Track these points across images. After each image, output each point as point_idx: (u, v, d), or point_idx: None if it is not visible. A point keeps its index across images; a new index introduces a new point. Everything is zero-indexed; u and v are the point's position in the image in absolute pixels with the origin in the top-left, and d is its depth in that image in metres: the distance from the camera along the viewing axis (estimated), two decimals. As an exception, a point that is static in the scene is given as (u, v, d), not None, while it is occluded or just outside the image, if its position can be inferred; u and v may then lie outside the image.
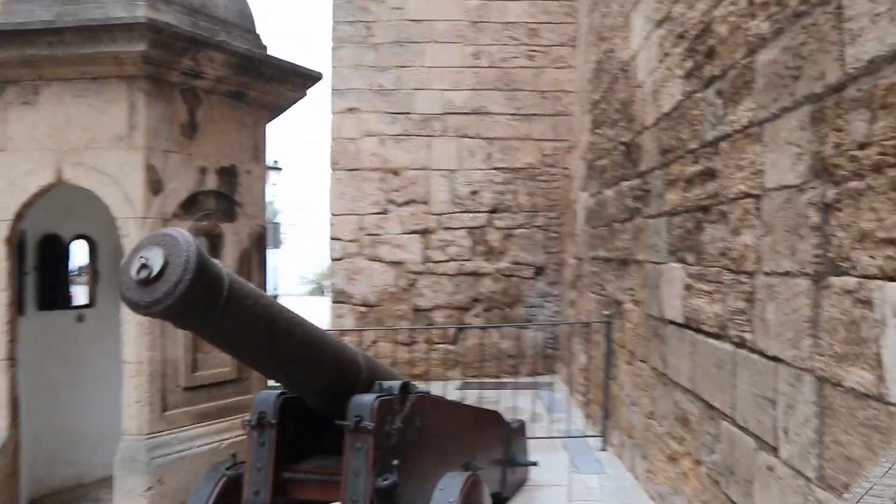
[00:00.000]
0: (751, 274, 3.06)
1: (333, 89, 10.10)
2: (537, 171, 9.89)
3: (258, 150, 4.50)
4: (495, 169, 9.90)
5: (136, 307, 2.29)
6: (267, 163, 15.17)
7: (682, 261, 4.02)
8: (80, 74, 3.76)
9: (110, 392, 4.14)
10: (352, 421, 3.04)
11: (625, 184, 5.39)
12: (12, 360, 3.90)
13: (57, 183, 3.83)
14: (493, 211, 9.94)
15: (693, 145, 3.77)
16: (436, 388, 7.74)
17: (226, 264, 4.18)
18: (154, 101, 3.79)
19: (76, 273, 5.15)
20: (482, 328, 9.50)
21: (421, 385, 3.76)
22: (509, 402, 7.52)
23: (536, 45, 9.88)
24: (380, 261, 10.10)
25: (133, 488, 3.59)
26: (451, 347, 9.85)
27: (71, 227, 4.79)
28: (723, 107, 3.36)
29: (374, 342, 9.87)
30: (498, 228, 9.94)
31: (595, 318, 6.50)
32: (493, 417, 4.69)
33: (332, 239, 10.28)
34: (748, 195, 3.07)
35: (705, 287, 3.64)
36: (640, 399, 5.04)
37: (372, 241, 10.11)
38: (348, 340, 9.28)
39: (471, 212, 9.95)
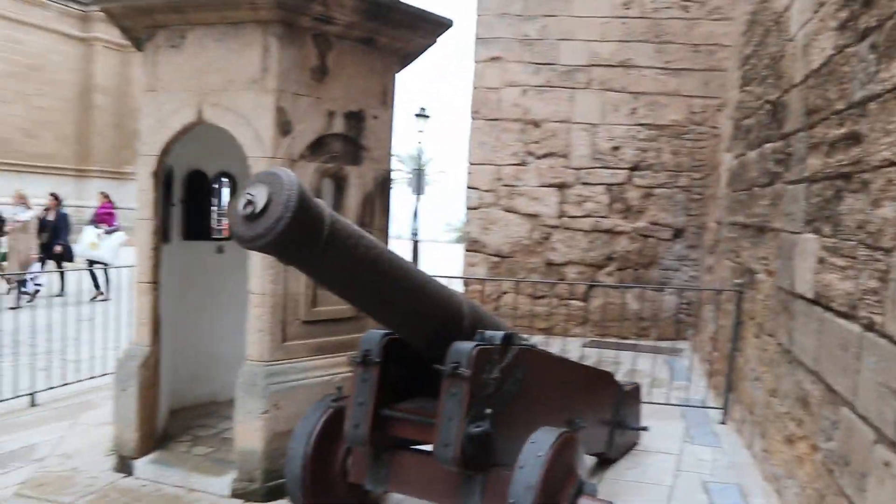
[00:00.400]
0: (888, 251, 2.78)
1: (478, 38, 10.04)
2: (684, 129, 9.40)
3: (387, 95, 4.57)
4: (639, 125, 9.52)
5: (242, 241, 2.44)
6: (415, 110, 15.51)
7: (817, 231, 3.71)
8: (220, 19, 3.97)
9: (243, 319, 4.45)
10: (449, 367, 3.10)
11: (768, 146, 5.01)
12: (155, 283, 4.29)
13: (198, 122, 4.11)
14: (633, 168, 9.60)
15: (840, 106, 3.43)
16: (560, 345, 7.75)
17: (349, 206, 4.38)
18: (286, 46, 3.94)
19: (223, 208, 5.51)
20: (614, 287, 9.29)
21: (539, 339, 3.75)
22: (632, 364, 7.38)
23: (693, -5, 9.29)
24: (515, 212, 10.08)
25: (252, 410, 3.87)
26: (580, 304, 9.73)
27: (215, 164, 5.14)
28: (875, 63, 3.02)
29: (504, 293, 9.95)
30: (638, 186, 9.60)
31: (727, 287, 6.17)
32: (603, 378, 4.61)
33: (469, 188, 10.37)
34: (893, 163, 2.76)
35: (839, 262, 3.34)
36: (763, 375, 4.76)
37: (508, 191, 10.09)
38: (478, 289, 9.41)
39: (610, 168, 9.67)
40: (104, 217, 12.79)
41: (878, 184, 2.92)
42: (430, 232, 44.13)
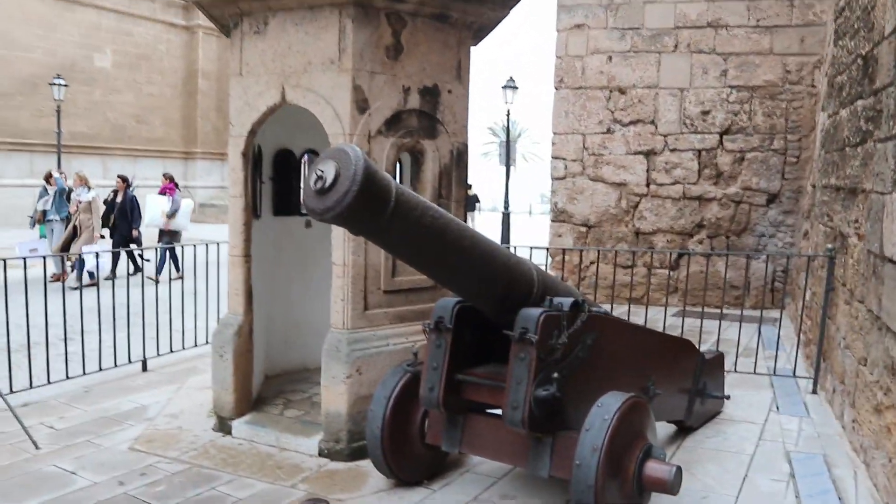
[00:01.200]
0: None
1: (560, 5, 9.93)
2: (778, 88, 9.02)
3: (461, 70, 4.65)
4: (730, 87, 9.20)
5: (313, 213, 2.62)
6: (504, 81, 15.43)
7: (906, 191, 3.56)
8: (299, 4, 4.15)
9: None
10: (517, 332, 3.20)
11: (859, 103, 4.78)
12: (247, 256, 4.58)
13: (281, 103, 4.33)
14: (724, 132, 9.31)
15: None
16: (652, 313, 7.68)
17: (426, 179, 4.52)
18: (361, 26, 4.09)
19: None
20: (705, 255, 9.08)
21: (624, 309, 3.78)
22: (722, 334, 7.22)
23: (788, -54, 8.83)
24: (602, 181, 9.99)
25: (336, 375, 4.11)
26: (671, 273, 9.57)
27: (302, 142, 5.38)
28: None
29: (592, 263, 9.90)
30: (729, 151, 9.30)
31: (821, 252, 5.94)
32: (683, 346, 4.59)
33: (554, 158, 10.34)
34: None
35: (926, 222, 3.21)
36: (854, 342, 4.60)
37: (595, 160, 10.00)
38: (565, 259, 9.39)
39: (700, 133, 9.40)
40: (166, 190, 13.09)
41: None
42: (525, 204, 43.95)
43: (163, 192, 12.98)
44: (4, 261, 5.01)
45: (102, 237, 11.35)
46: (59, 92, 17.18)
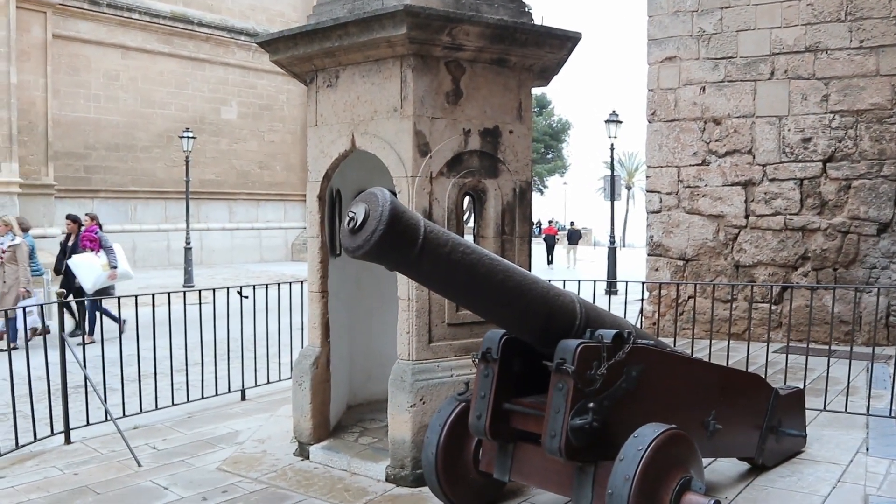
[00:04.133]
0: None
1: (650, 39, 9.94)
2: (886, 112, 8.58)
3: (522, 110, 4.84)
4: (832, 112, 8.85)
5: (347, 251, 2.87)
6: (609, 115, 15.44)
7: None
8: (364, 58, 4.50)
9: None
10: (556, 362, 3.30)
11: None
12: (324, 292, 4.92)
13: (352, 149, 4.67)
14: (828, 160, 8.93)
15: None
16: (754, 349, 7.43)
17: (489, 216, 4.72)
18: (420, 75, 4.37)
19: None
20: (810, 288, 8.67)
21: (722, 345, 3.78)
22: (824, 371, 6.87)
23: (890, -37, 8.46)
24: (698, 213, 9.80)
25: (401, 403, 4.32)
26: (773, 307, 9.19)
27: (380, 183, 5.67)
28: None
29: (690, 297, 9.67)
30: (833, 179, 8.90)
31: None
32: (750, 380, 4.48)
33: (649, 191, 10.26)
34: None
35: None
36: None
37: (690, 193, 9.84)
38: (663, 293, 9.21)
39: (801, 161, 9.07)
40: (86, 242, 10.32)
41: None
42: (638, 238, 42.96)
43: (85, 245, 10.30)
44: (119, 299, 5.61)
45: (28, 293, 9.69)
46: (188, 144, 18.74)
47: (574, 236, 29.97)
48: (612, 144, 18.49)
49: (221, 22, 24.56)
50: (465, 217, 6.24)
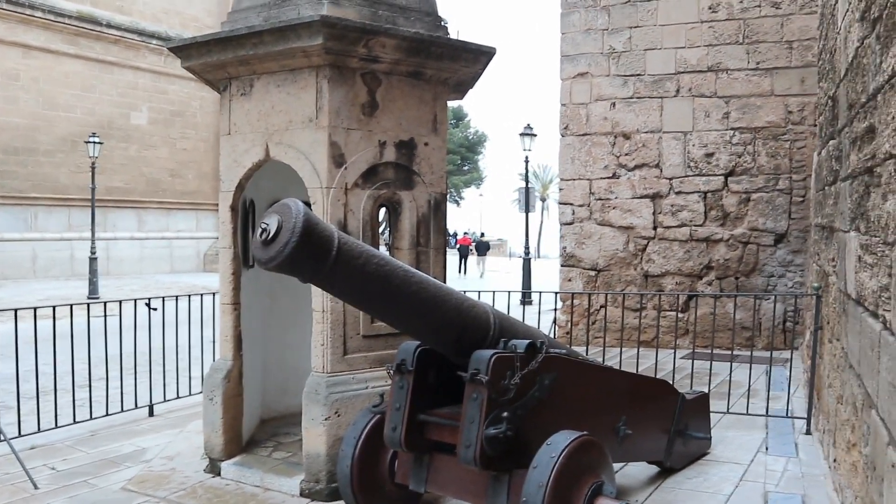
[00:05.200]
0: (892, 245, 2.75)
1: (563, 55, 10.21)
2: (780, 129, 9.10)
3: (438, 123, 4.88)
4: (732, 129, 9.31)
5: (259, 262, 2.82)
6: (524, 128, 15.63)
7: (857, 229, 3.64)
8: (280, 67, 4.45)
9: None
10: (470, 373, 3.34)
11: (831, 143, 4.88)
12: (236, 304, 4.81)
13: (266, 159, 4.60)
14: (729, 174, 9.39)
15: (863, 98, 3.38)
16: (662, 356, 7.69)
17: (404, 228, 4.72)
18: (336, 86, 4.35)
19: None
20: (714, 297, 9.07)
21: (632, 352, 3.87)
22: (729, 375, 7.20)
23: (783, -9, 9.00)
24: (609, 225, 10.10)
25: (315, 417, 4.26)
26: (680, 315, 9.57)
27: (295, 193, 5.60)
28: (880, 53, 2.99)
29: (602, 307, 9.95)
30: (734, 192, 9.37)
31: (809, 291, 5.96)
32: (658, 386, 4.65)
33: (562, 203, 10.50)
34: (892, 156, 2.74)
35: (868, 259, 3.29)
36: (834, 381, 4.62)
37: (602, 205, 10.13)
38: (576, 303, 9.45)
39: (705, 175, 9.50)
40: None
41: (885, 177, 2.89)
42: (552, 249, 43.95)
43: None
44: (16, 311, 5.32)
45: None
46: (94, 149, 17.95)
47: (482, 247, 32.05)
48: (526, 157, 18.84)
49: (132, 24, 23.74)
50: (381, 229, 6.22)
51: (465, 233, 38.29)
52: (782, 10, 9.03)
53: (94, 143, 17.96)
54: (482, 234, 38.91)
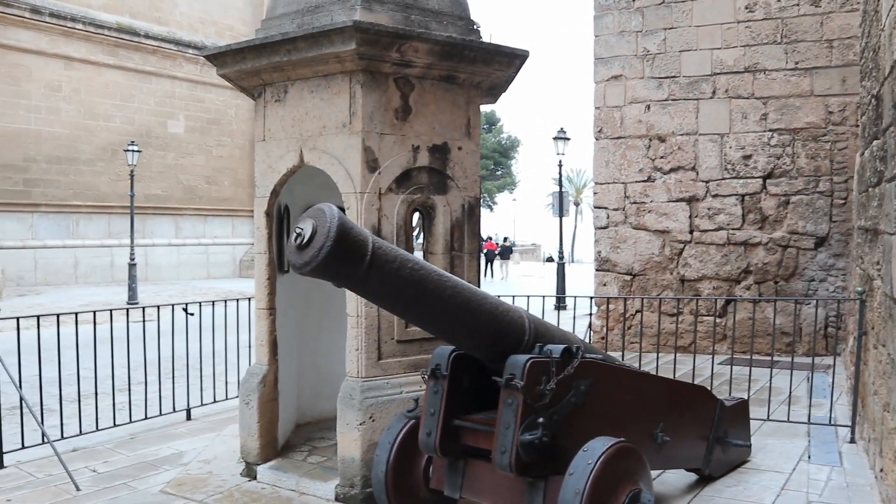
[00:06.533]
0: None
1: (597, 58, 10.13)
2: (821, 130, 8.91)
3: (471, 127, 4.87)
4: (770, 130, 9.14)
5: (294, 267, 2.83)
6: (557, 132, 15.59)
7: (905, 232, 3.53)
8: (314, 73, 4.48)
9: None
10: (505, 378, 3.31)
11: (875, 143, 4.76)
12: (271, 309, 4.84)
13: (300, 165, 4.63)
14: (767, 176, 9.22)
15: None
16: (699, 361, 7.57)
17: (437, 232, 4.71)
18: (369, 91, 4.36)
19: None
20: (752, 301, 8.89)
21: (669, 357, 3.83)
22: (769, 382, 7.05)
23: (822, -12, 8.82)
24: (645, 229, 9.99)
25: (350, 421, 4.27)
26: (718, 320, 9.41)
27: (330, 199, 5.64)
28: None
29: (638, 311, 9.83)
30: (773, 195, 9.19)
31: (852, 296, 5.81)
32: (696, 392, 4.56)
33: (597, 207, 10.41)
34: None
35: (917, 263, 3.19)
36: (880, 388, 4.48)
37: (637, 209, 10.02)
38: (611, 308, 9.35)
39: (742, 178, 9.34)
40: None
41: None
42: (586, 253, 43.80)
43: None
44: (58, 316, 5.42)
45: None
46: (133, 157, 18.29)
47: (505, 252, 33.92)
48: (559, 161, 18.75)
49: (169, 34, 24.18)
50: (415, 233, 6.23)
51: (490, 238, 38.92)
52: (822, 7, 8.84)
53: (133, 151, 18.32)
54: (505, 239, 40.02)
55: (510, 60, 4.79)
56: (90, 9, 22.13)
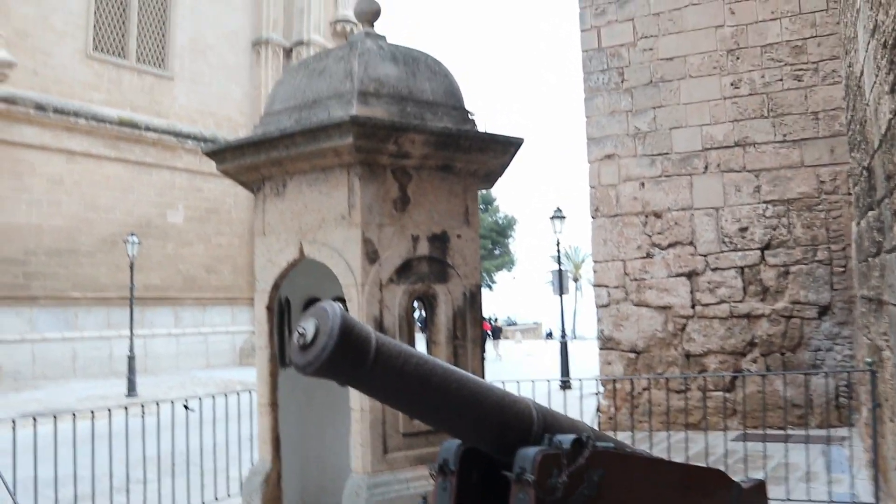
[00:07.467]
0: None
1: (589, 138, 10.32)
2: (814, 200, 9.00)
3: (469, 214, 4.90)
4: (765, 202, 9.23)
5: (297, 368, 2.78)
6: (553, 212, 15.75)
7: (911, 306, 3.51)
8: (312, 167, 4.54)
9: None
10: (515, 472, 3.21)
11: (870, 213, 4.79)
12: (273, 404, 4.75)
13: (300, 258, 4.63)
14: (765, 247, 9.25)
15: (903, 174, 3.32)
16: (711, 438, 7.40)
17: (440, 322, 4.67)
18: (367, 183, 4.41)
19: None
20: (760, 375, 8.77)
21: (680, 436, 3.74)
22: (783, 457, 6.88)
23: (803, 63, 9.10)
24: (646, 306, 9.95)
25: (356, 520, 4.13)
26: (727, 395, 9.26)
27: (331, 290, 5.64)
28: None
29: (645, 389, 9.69)
30: (772, 266, 9.20)
31: (861, 367, 5.74)
32: (711, 477, 4.41)
33: (597, 286, 10.40)
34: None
35: (926, 339, 3.15)
36: (900, 464, 4.37)
37: (637, 286, 10.01)
38: (617, 387, 9.22)
39: (740, 250, 9.37)
40: None
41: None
42: (588, 329, 43.67)
43: None
44: (55, 416, 5.32)
45: None
46: (133, 249, 18.41)
47: (496, 332, 34.36)
48: (557, 240, 18.86)
49: (169, 126, 24.71)
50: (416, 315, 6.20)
51: (485, 319, 39.45)
52: (804, 82, 9.08)
53: (132, 243, 18.43)
54: (495, 319, 40.75)
55: (505, 148, 4.86)
56: (92, 104, 22.69)
